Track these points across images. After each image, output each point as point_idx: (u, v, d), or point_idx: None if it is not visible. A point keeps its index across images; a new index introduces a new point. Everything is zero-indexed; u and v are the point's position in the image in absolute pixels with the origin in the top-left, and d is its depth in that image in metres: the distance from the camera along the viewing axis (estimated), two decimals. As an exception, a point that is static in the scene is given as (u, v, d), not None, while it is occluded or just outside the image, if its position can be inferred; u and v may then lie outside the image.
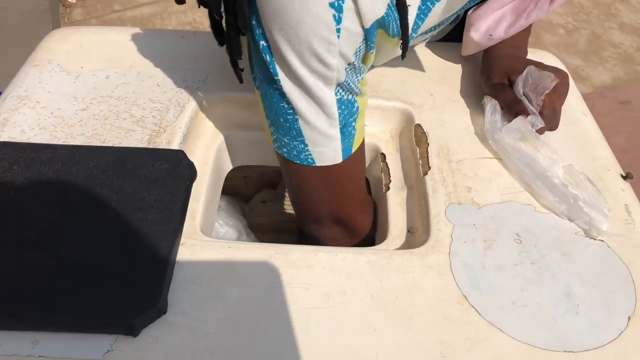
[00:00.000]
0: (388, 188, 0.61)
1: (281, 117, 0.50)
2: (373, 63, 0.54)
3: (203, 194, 0.58)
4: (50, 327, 0.42)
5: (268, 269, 0.47)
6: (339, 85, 0.48)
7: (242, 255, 0.48)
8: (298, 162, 0.53)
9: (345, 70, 0.47)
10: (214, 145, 0.65)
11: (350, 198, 0.60)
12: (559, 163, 0.57)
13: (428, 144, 0.60)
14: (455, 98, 0.67)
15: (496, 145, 0.59)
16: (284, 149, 0.53)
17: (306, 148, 0.52)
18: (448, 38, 0.76)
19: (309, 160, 0.53)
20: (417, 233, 0.55)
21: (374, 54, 0.50)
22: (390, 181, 0.62)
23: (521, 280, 0.48)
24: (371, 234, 0.65)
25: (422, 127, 0.63)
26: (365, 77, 0.52)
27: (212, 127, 0.67)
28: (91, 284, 0.43)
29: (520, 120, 0.58)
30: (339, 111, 0.50)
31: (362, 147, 0.57)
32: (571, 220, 0.54)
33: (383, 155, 0.65)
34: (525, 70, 0.60)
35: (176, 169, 0.52)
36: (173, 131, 0.59)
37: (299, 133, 0.51)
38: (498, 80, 0.63)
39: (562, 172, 0.56)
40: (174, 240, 0.47)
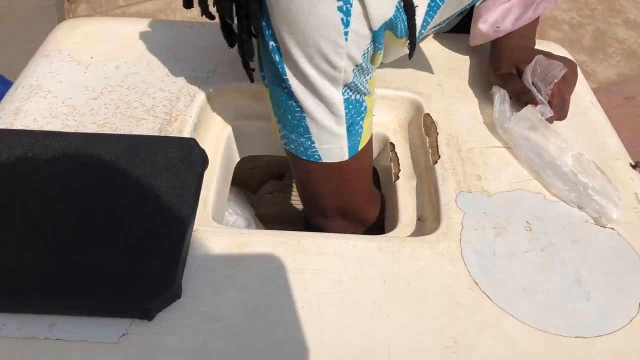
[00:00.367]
0: (397, 177, 0.61)
1: (289, 115, 0.51)
2: (381, 62, 0.54)
3: (214, 183, 0.58)
4: (66, 311, 0.42)
5: (280, 255, 0.48)
6: (347, 85, 0.49)
7: (255, 241, 0.49)
8: (305, 159, 0.54)
9: (352, 71, 0.48)
10: (224, 134, 0.66)
11: (356, 192, 0.61)
12: (569, 152, 0.57)
13: (437, 133, 0.61)
14: (463, 88, 0.67)
15: (505, 134, 0.59)
16: (292, 145, 0.54)
17: (313, 145, 0.52)
18: (456, 29, 0.76)
19: (316, 156, 0.53)
20: (428, 221, 0.55)
21: (382, 55, 0.50)
22: (399, 170, 0.62)
23: (532, 266, 0.48)
24: (379, 224, 0.65)
25: (431, 117, 0.63)
26: (373, 77, 0.52)
27: (222, 117, 0.67)
28: (107, 269, 0.43)
29: (529, 109, 0.58)
30: (346, 110, 0.51)
31: (370, 143, 0.57)
32: (581, 208, 0.54)
33: (392, 144, 0.65)
34: (534, 59, 0.60)
35: (188, 157, 0.53)
36: (184, 120, 0.59)
37: (306, 130, 0.51)
38: (506, 70, 0.63)
39: (572, 161, 0.57)
40: (187, 226, 0.47)
